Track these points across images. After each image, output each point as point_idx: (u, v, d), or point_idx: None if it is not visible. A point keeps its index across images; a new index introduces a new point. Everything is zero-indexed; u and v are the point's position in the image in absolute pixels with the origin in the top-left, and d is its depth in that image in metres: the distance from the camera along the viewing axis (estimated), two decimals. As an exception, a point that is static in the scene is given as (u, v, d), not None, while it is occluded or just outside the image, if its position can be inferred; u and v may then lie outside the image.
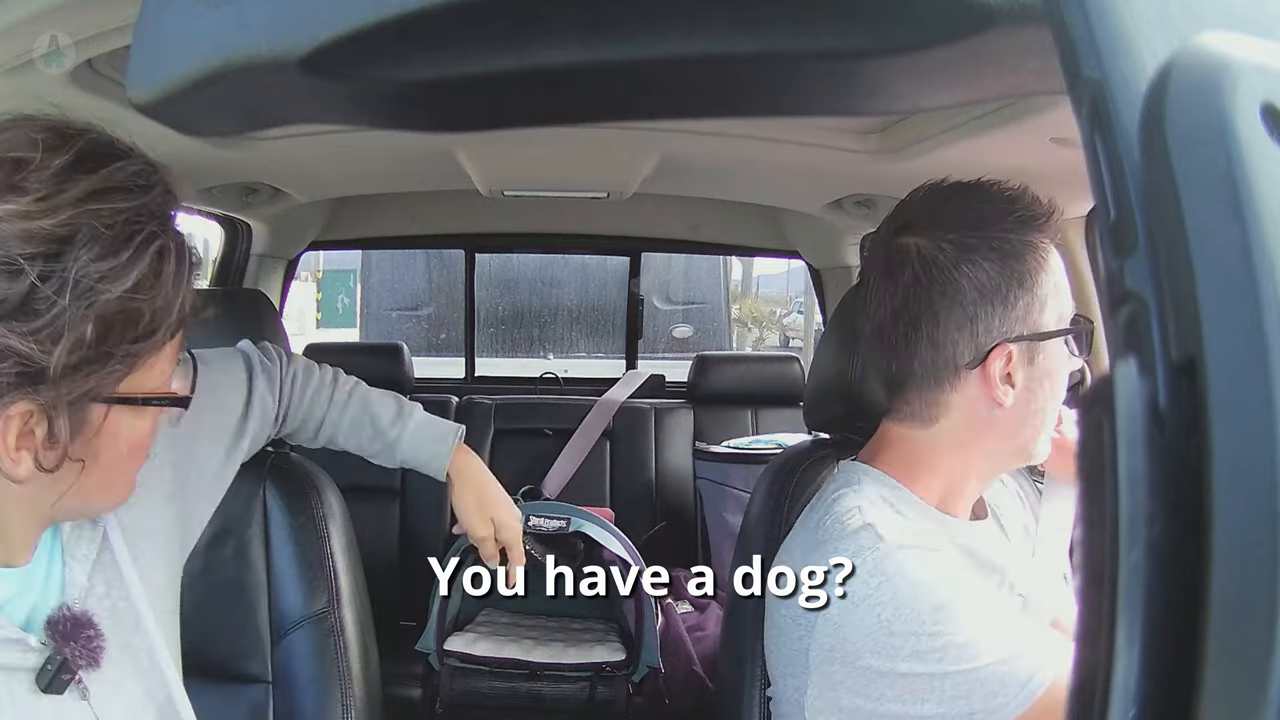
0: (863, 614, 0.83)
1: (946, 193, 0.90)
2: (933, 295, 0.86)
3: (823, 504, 0.94)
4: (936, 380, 0.88)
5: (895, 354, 0.90)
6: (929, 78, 0.36)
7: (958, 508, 0.95)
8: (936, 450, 0.92)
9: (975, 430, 0.90)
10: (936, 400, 0.90)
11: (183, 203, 0.76)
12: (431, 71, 0.34)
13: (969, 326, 0.85)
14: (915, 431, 0.93)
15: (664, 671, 1.93)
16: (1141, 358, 0.24)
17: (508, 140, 1.52)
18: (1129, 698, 0.23)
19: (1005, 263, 0.85)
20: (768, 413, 2.59)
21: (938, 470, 0.93)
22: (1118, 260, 0.25)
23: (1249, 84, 0.24)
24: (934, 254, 0.86)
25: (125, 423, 0.71)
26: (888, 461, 0.95)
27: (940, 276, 0.85)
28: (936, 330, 0.86)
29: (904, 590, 0.82)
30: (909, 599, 0.82)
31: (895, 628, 0.82)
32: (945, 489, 0.94)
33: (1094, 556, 0.24)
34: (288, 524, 1.20)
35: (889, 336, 0.89)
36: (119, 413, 0.70)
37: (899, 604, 0.82)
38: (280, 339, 1.25)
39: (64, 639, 0.74)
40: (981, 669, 0.79)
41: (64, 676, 0.73)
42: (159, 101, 0.38)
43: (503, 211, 2.34)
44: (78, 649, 0.74)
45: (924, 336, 0.87)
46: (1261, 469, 0.22)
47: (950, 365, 0.87)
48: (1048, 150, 1.25)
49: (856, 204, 1.92)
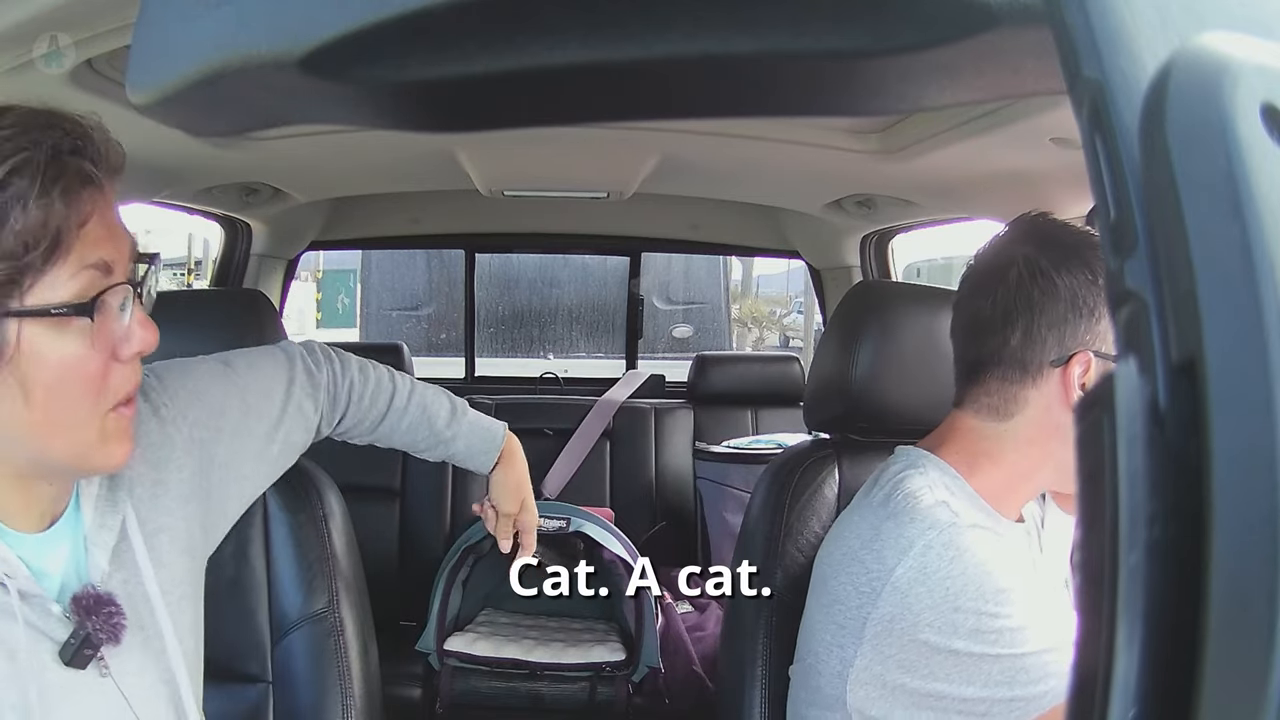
0: (931, 586, 0.87)
1: (1052, 220, 1.00)
2: (1033, 293, 0.93)
3: (887, 482, 0.98)
4: (1022, 372, 0.94)
5: (987, 340, 0.95)
6: (929, 78, 0.36)
7: (1009, 508, 0.99)
8: (1004, 445, 0.97)
9: (1045, 432, 0.95)
10: (1016, 395, 0.95)
11: (183, 203, 0.76)
12: (431, 71, 0.34)
13: (1059, 328, 0.92)
14: (988, 424, 0.97)
15: (664, 671, 1.93)
16: (1141, 358, 0.24)
17: (508, 140, 1.52)
18: (1129, 698, 0.23)
19: (1096, 282, 0.92)
20: (768, 413, 2.60)
21: (1000, 464, 0.97)
22: (1118, 260, 0.25)
23: (1249, 84, 0.24)
24: (1038, 258, 0.93)
25: (45, 343, 0.70)
26: (952, 450, 0.99)
27: (1042, 279, 0.93)
28: (1031, 324, 0.93)
29: (973, 568, 0.86)
30: (976, 577, 0.86)
31: (961, 603, 0.85)
32: (1003, 486, 0.98)
33: (1094, 556, 0.24)
34: (288, 524, 1.20)
35: (985, 324, 0.95)
36: (32, 330, 0.69)
37: (967, 580, 0.86)
38: (279, 338, 1.25)
39: (87, 613, 0.76)
40: (1029, 655, 0.83)
41: (86, 651, 0.75)
42: (159, 101, 0.38)
43: (503, 211, 2.34)
44: (99, 623, 0.76)
45: (1019, 328, 0.93)
46: (1261, 469, 0.22)
47: (1036, 360, 0.93)
48: (1048, 150, 1.26)
49: (856, 204, 1.93)
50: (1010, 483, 0.98)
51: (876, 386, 1.14)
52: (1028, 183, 1.47)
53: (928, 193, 1.73)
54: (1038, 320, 0.92)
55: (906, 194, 1.78)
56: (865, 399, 1.14)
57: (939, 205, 1.78)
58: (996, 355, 0.95)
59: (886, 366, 1.13)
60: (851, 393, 1.14)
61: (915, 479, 0.95)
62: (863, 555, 0.93)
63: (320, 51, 0.32)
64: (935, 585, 0.87)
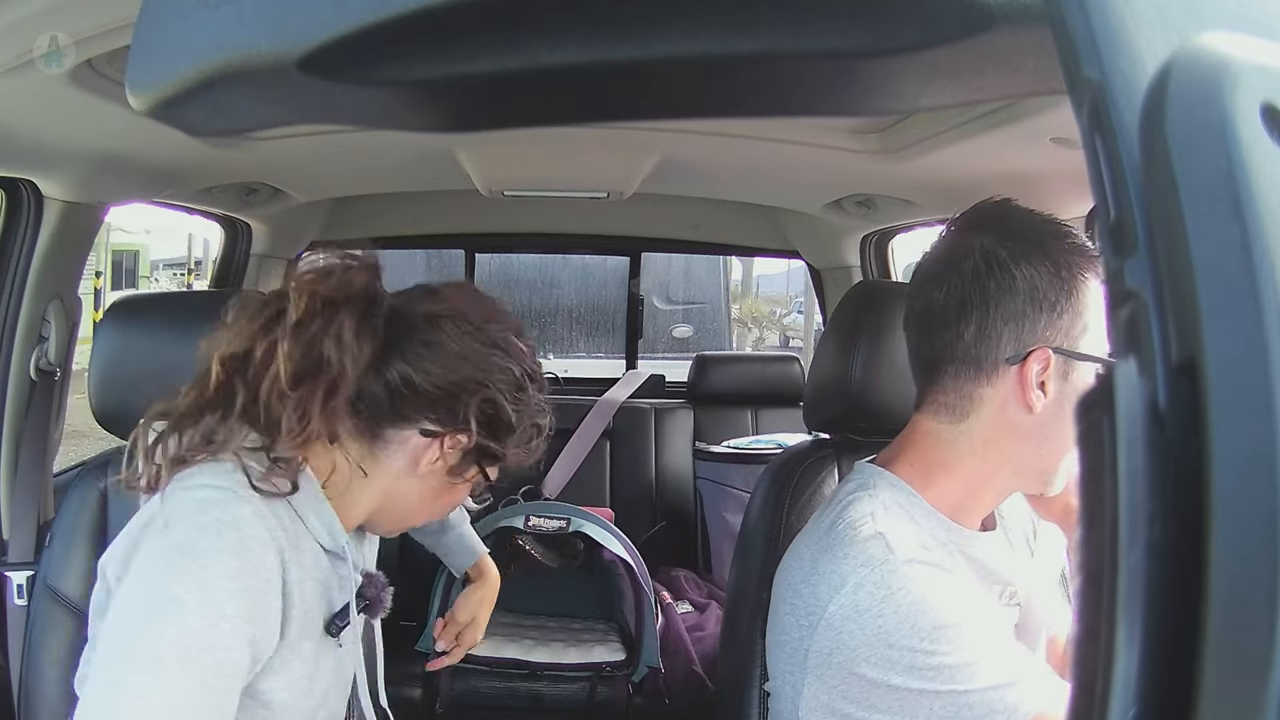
0: (864, 623, 0.84)
1: (1014, 206, 0.95)
2: (989, 285, 0.88)
3: (836, 505, 0.95)
4: (976, 369, 0.90)
5: (940, 334, 0.91)
6: (930, 78, 0.36)
7: (970, 519, 0.95)
8: (960, 450, 0.93)
9: (1002, 433, 0.91)
10: (972, 393, 0.91)
11: (183, 203, 0.77)
12: (431, 71, 0.34)
13: (1015, 322, 0.88)
14: (944, 427, 0.93)
15: (664, 671, 1.93)
16: (1141, 358, 0.24)
17: (508, 140, 1.52)
18: (1129, 698, 0.23)
19: (1058, 274, 0.88)
20: (768, 413, 2.59)
21: (955, 473, 0.93)
22: (1118, 260, 0.26)
23: (1249, 84, 0.24)
24: (996, 249, 0.89)
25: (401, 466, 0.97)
26: (908, 462, 0.95)
27: (999, 270, 0.88)
28: (986, 319, 0.89)
29: (906, 606, 0.83)
30: (910, 615, 0.83)
31: (894, 640, 0.82)
32: (961, 496, 0.94)
33: (1094, 556, 0.24)
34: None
35: (939, 318, 0.91)
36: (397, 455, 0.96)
37: (900, 619, 0.83)
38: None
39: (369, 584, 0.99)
40: (972, 692, 0.81)
41: (340, 622, 0.92)
42: (159, 102, 0.38)
43: (503, 211, 2.34)
44: (376, 594, 0.99)
45: (973, 322, 0.89)
46: (1261, 469, 0.22)
47: (991, 357, 0.89)
48: (1048, 150, 1.26)
49: (856, 204, 1.93)
50: (969, 491, 0.94)
51: (876, 386, 1.14)
52: (1028, 183, 1.47)
53: (928, 193, 1.73)
54: (993, 315, 0.88)
55: (906, 194, 1.78)
56: (865, 399, 1.14)
57: (939, 205, 1.77)
58: (950, 351, 0.91)
59: (886, 366, 1.13)
60: (851, 393, 1.14)
61: (861, 505, 0.92)
62: (801, 589, 0.91)
63: (319, 52, 0.32)
64: (867, 623, 0.84)
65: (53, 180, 1.39)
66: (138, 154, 1.40)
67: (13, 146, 1.26)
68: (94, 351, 1.24)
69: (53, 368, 1.47)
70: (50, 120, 1.20)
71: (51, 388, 1.48)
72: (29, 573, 1.33)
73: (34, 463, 1.45)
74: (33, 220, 1.41)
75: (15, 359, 1.44)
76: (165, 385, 0.91)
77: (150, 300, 1.41)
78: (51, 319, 1.46)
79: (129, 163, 1.43)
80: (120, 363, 1.23)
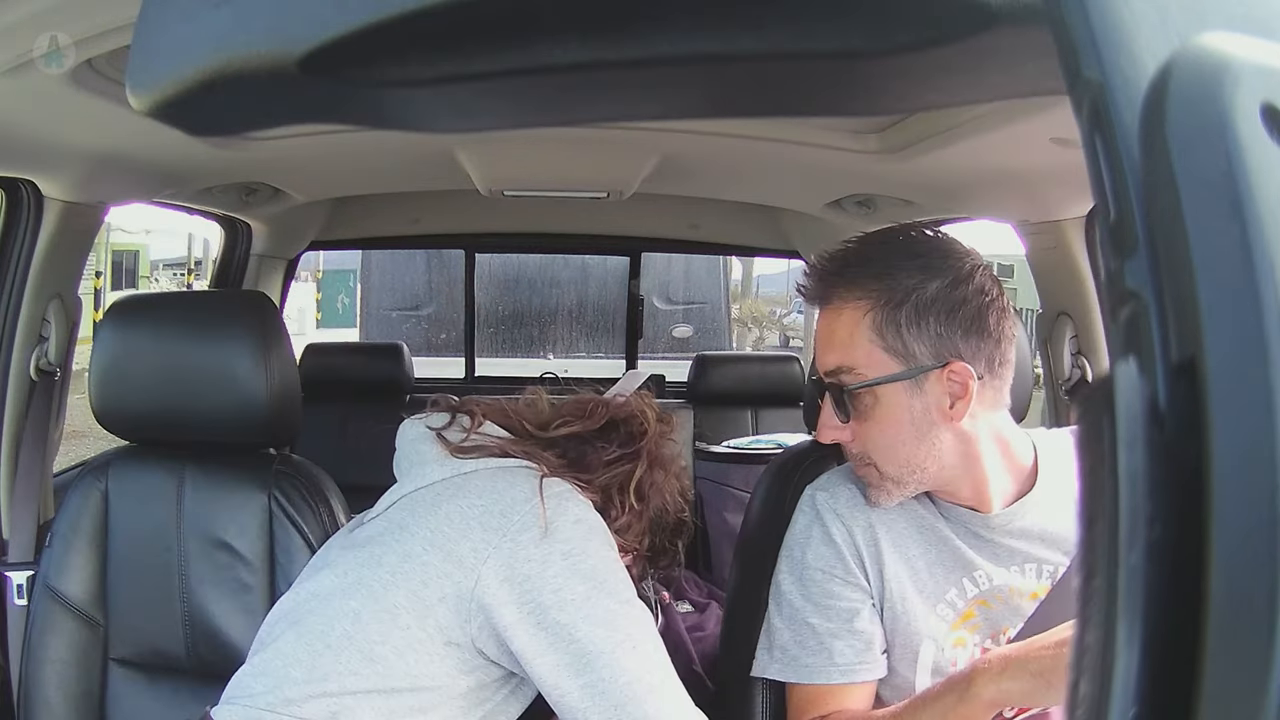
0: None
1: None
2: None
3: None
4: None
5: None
6: (929, 78, 0.36)
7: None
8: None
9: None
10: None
11: (183, 203, 0.77)
12: (431, 71, 0.34)
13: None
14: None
15: (664, 671, 1.93)
16: (1141, 358, 0.24)
17: (508, 140, 1.52)
18: (1129, 698, 0.23)
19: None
20: (768, 413, 2.59)
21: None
22: (1118, 260, 0.25)
23: (1249, 84, 0.24)
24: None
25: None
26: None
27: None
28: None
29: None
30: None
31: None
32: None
33: (1094, 557, 0.24)
34: (292, 525, 1.20)
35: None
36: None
37: None
38: (281, 339, 1.25)
39: None
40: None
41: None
42: (159, 102, 0.38)
43: (503, 211, 2.34)
44: None
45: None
46: (1261, 470, 0.22)
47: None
48: (1048, 150, 1.25)
49: (856, 204, 1.92)
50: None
51: (876, 386, 1.13)
52: (1028, 183, 1.47)
53: (928, 193, 1.73)
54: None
55: (906, 194, 1.78)
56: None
57: (939, 205, 1.77)
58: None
59: (886, 366, 1.12)
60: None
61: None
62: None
63: (319, 52, 0.32)
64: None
65: (53, 180, 1.39)
66: (138, 154, 1.40)
67: (13, 146, 1.26)
68: (94, 351, 1.24)
69: (53, 368, 1.47)
70: (50, 120, 1.20)
71: (51, 388, 1.48)
72: (29, 573, 1.33)
73: (34, 463, 1.45)
74: (33, 220, 1.41)
75: (15, 359, 1.44)
76: (165, 385, 0.91)
77: (150, 300, 1.41)
78: (51, 319, 1.46)
79: (129, 163, 1.43)
80: (120, 363, 1.23)
